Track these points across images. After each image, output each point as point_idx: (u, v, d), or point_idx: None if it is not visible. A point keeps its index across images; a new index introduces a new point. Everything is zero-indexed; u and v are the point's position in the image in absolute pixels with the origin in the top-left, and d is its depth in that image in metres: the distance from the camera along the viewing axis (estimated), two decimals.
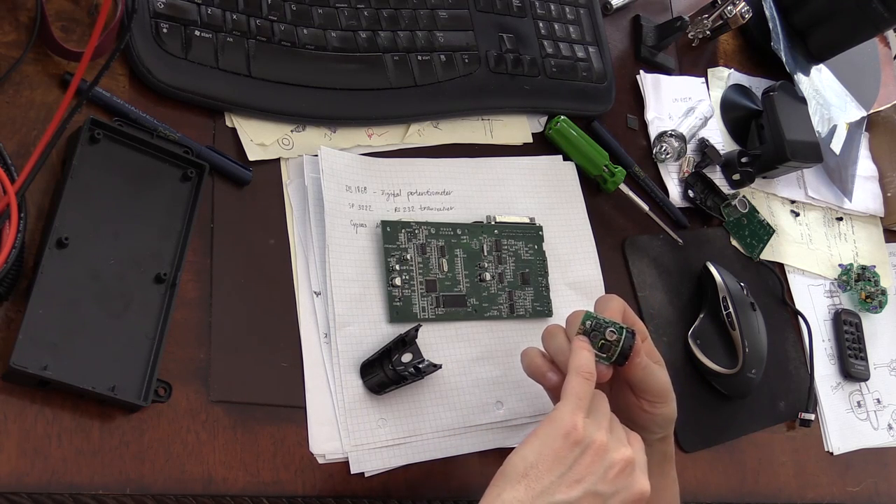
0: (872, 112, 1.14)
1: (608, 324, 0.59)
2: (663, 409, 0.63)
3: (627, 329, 0.59)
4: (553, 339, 0.62)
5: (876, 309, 1.01)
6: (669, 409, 0.64)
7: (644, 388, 0.62)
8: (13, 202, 0.51)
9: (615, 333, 0.59)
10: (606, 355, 0.59)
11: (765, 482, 0.84)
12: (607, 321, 0.59)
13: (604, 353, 0.59)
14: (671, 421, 0.65)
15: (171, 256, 0.58)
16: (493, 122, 0.79)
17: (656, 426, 0.64)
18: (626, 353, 0.59)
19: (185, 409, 0.57)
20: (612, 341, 0.59)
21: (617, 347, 0.59)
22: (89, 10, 0.62)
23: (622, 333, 0.59)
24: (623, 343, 0.59)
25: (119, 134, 0.57)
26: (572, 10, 0.85)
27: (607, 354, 0.59)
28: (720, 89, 0.98)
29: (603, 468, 0.56)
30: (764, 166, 0.94)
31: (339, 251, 0.65)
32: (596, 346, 0.59)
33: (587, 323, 0.59)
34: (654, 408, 0.63)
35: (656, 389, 0.63)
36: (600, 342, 0.59)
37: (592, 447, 0.56)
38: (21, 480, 0.50)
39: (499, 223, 0.73)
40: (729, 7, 0.94)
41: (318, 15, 0.69)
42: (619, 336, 0.59)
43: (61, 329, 0.52)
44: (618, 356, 0.59)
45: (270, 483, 0.58)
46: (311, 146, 0.68)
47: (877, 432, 0.97)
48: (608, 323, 0.59)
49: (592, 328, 0.59)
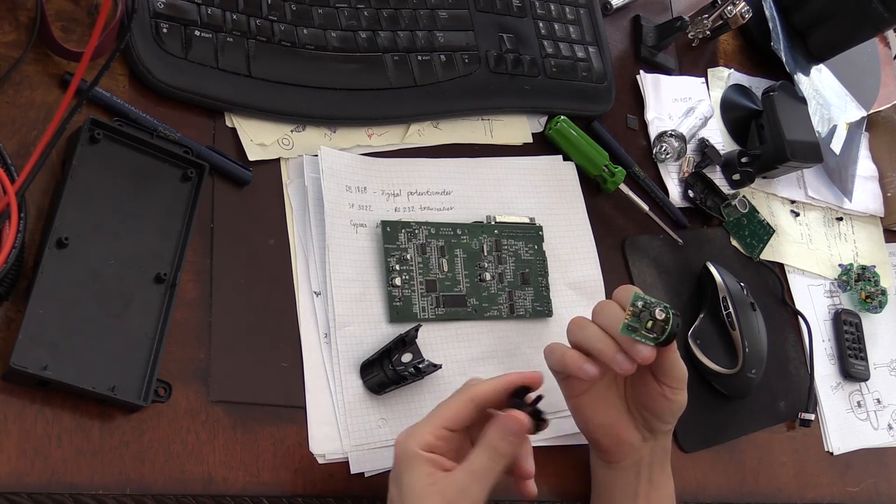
0: (872, 112, 1.14)
1: (656, 303, 0.58)
2: (681, 395, 0.64)
3: (673, 310, 0.58)
4: (583, 329, 0.62)
5: (876, 309, 1.01)
6: (684, 397, 0.64)
7: (671, 373, 0.62)
8: (13, 202, 0.51)
9: (664, 313, 0.58)
10: (655, 335, 0.58)
11: (765, 482, 0.84)
12: (655, 301, 0.58)
13: (652, 332, 0.58)
14: (682, 410, 0.65)
15: (171, 256, 0.58)
16: (493, 122, 0.79)
17: (670, 415, 0.65)
18: (675, 334, 0.58)
19: (185, 409, 0.57)
20: (662, 321, 0.58)
21: (667, 327, 0.58)
22: (89, 10, 0.62)
23: (669, 314, 0.58)
24: (672, 323, 0.58)
25: (119, 134, 0.57)
26: (572, 10, 0.85)
27: (656, 334, 0.58)
28: (720, 89, 0.98)
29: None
30: (764, 166, 0.94)
31: (339, 251, 0.65)
32: (644, 327, 0.58)
33: (638, 303, 0.58)
34: (675, 394, 0.63)
35: (680, 375, 0.63)
36: (648, 322, 0.58)
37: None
38: (21, 480, 0.50)
39: (499, 223, 0.73)
40: (729, 7, 0.94)
41: (318, 15, 0.69)
42: (668, 315, 0.58)
43: (61, 329, 0.52)
44: (667, 336, 0.58)
45: (270, 483, 0.58)
46: (311, 146, 0.68)
47: (877, 432, 0.97)
48: (656, 303, 0.58)
49: (643, 308, 0.58)
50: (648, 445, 0.66)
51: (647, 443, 0.66)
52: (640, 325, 0.58)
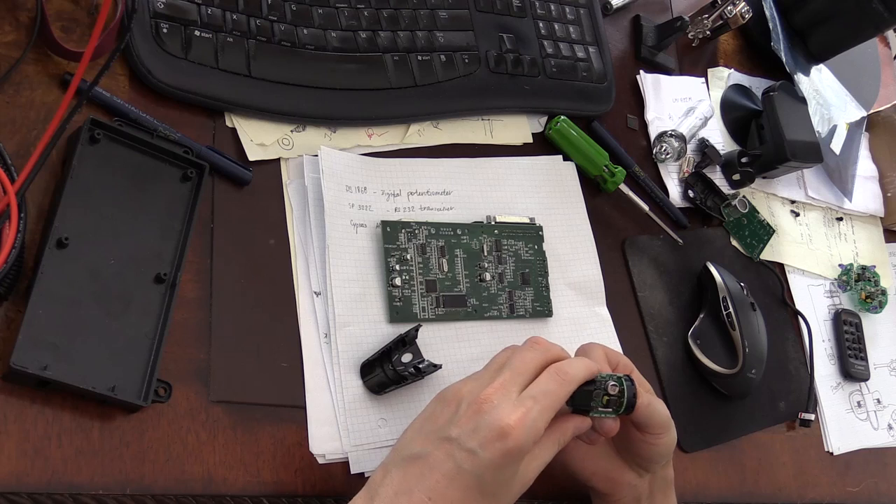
0: (872, 112, 1.14)
1: (606, 378, 0.58)
2: (666, 438, 0.63)
3: (625, 377, 0.58)
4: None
5: (876, 309, 1.01)
6: (671, 438, 0.63)
7: (649, 423, 0.62)
8: (13, 202, 0.51)
9: (617, 386, 0.58)
10: (614, 409, 0.58)
11: (765, 482, 0.84)
12: (604, 375, 0.58)
13: (610, 407, 0.58)
14: (672, 447, 0.65)
15: (171, 256, 0.58)
16: (493, 122, 0.79)
17: (660, 456, 0.64)
18: (633, 402, 0.58)
19: (185, 409, 0.57)
20: (616, 395, 0.58)
21: (623, 399, 0.58)
22: (89, 10, 0.62)
23: (622, 384, 0.58)
24: (627, 392, 0.58)
25: (119, 134, 0.57)
26: (572, 10, 0.85)
27: (615, 408, 0.58)
28: (720, 89, 0.98)
29: (455, 414, 0.53)
30: (764, 166, 0.94)
31: (339, 251, 0.65)
32: (601, 405, 0.58)
33: (588, 387, 0.58)
34: (659, 439, 0.62)
35: (659, 421, 0.62)
36: (605, 398, 0.58)
37: (450, 397, 0.55)
38: (21, 480, 0.50)
39: (499, 223, 0.73)
40: (729, 7, 0.94)
41: (318, 15, 0.69)
42: (621, 387, 0.58)
43: (61, 329, 0.52)
44: (625, 407, 0.58)
45: (270, 483, 0.58)
46: (311, 146, 0.68)
47: (877, 432, 0.97)
48: (606, 377, 0.58)
49: (596, 387, 0.58)
50: (646, 481, 0.65)
51: (643, 479, 0.65)
52: (597, 403, 0.58)
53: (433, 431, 0.54)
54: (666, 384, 0.79)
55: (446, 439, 0.53)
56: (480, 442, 0.52)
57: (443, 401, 0.55)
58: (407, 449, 0.54)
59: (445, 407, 0.54)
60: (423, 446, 0.53)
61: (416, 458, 0.53)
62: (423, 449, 0.53)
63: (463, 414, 0.53)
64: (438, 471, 0.52)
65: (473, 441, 0.52)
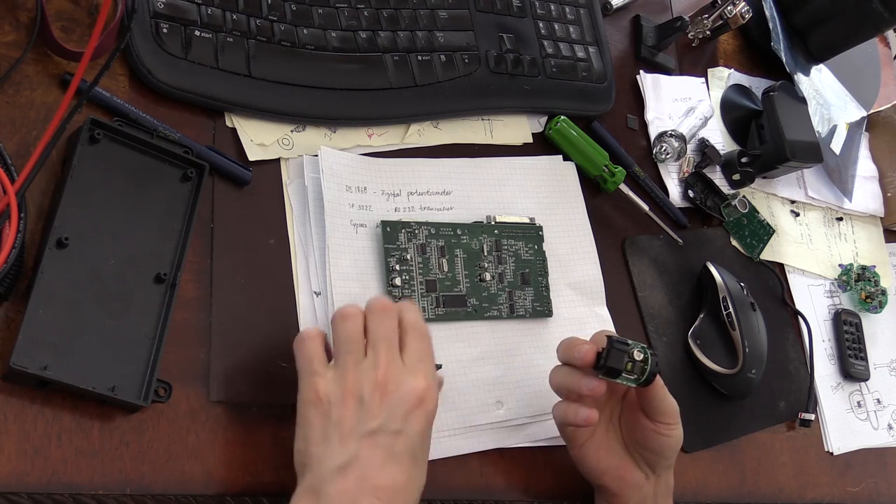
0: (872, 112, 1.14)
1: (633, 344, 0.58)
2: (676, 430, 0.65)
3: (650, 350, 0.59)
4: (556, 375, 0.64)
5: (876, 309, 1.01)
6: (679, 433, 0.65)
7: (661, 410, 0.63)
8: (13, 202, 0.51)
9: (642, 353, 0.58)
10: (636, 376, 0.59)
11: (765, 482, 0.84)
12: (633, 342, 0.59)
13: (633, 374, 0.59)
14: (680, 443, 0.66)
15: (171, 256, 0.58)
16: (493, 122, 0.79)
17: (669, 450, 0.65)
18: (655, 372, 0.59)
19: (185, 409, 0.57)
20: (640, 361, 0.58)
21: (646, 367, 0.59)
22: (89, 10, 0.62)
23: (647, 354, 0.58)
24: (651, 362, 0.59)
25: (119, 134, 0.57)
26: (572, 10, 0.85)
27: (637, 375, 0.59)
28: (720, 89, 0.98)
29: (361, 408, 0.52)
30: (764, 166, 0.94)
31: (339, 251, 0.65)
32: (624, 368, 0.58)
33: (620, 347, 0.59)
34: (670, 430, 0.64)
35: (670, 410, 0.64)
36: (627, 363, 0.58)
37: (341, 396, 0.53)
38: (21, 480, 0.50)
39: (499, 223, 0.73)
40: (729, 7, 0.94)
41: (318, 15, 0.69)
42: (646, 356, 0.58)
43: (61, 329, 0.52)
44: (647, 376, 0.59)
45: (270, 483, 0.58)
46: (311, 146, 0.68)
47: (877, 432, 0.97)
48: (634, 344, 0.59)
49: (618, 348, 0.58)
50: (651, 483, 0.67)
51: (649, 481, 0.66)
52: (622, 367, 0.59)
53: (347, 434, 0.52)
54: (666, 384, 0.79)
55: (368, 434, 0.52)
56: (403, 418, 0.52)
57: (328, 404, 0.53)
58: (329, 462, 0.51)
59: (343, 407, 0.52)
60: (346, 452, 0.51)
61: (344, 466, 0.51)
62: (347, 455, 0.51)
63: (370, 403, 0.52)
64: (374, 466, 0.51)
65: (396, 421, 0.52)
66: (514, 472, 0.68)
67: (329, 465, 0.51)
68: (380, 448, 0.52)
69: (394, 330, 0.56)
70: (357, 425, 0.52)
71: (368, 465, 0.51)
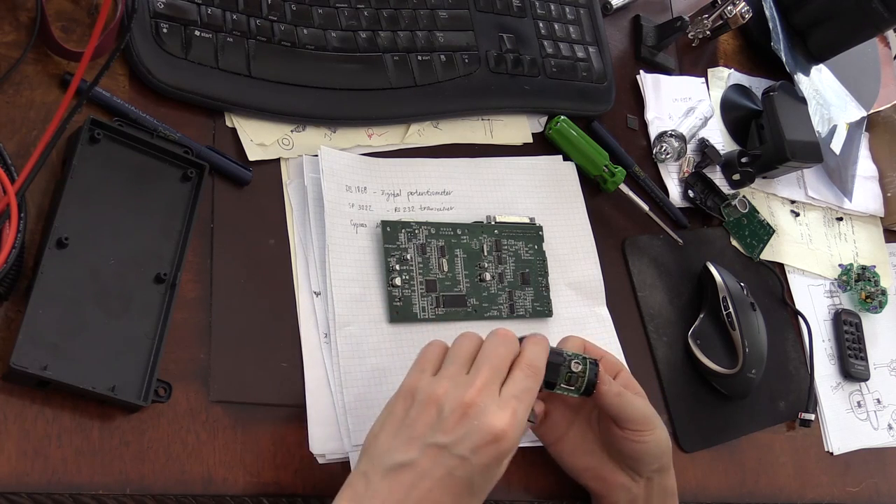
0: (872, 112, 1.14)
1: (571, 356, 0.60)
2: (649, 437, 0.63)
3: (590, 360, 0.60)
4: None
5: (876, 309, 1.01)
6: (657, 437, 0.63)
7: (624, 416, 0.62)
8: (13, 202, 0.51)
9: (580, 365, 0.59)
10: (575, 387, 0.60)
11: (765, 482, 0.84)
12: (570, 354, 0.60)
13: (572, 385, 0.60)
14: (664, 450, 0.64)
15: (171, 256, 0.58)
16: (493, 122, 0.79)
17: (648, 456, 0.64)
18: (594, 382, 0.60)
19: (185, 409, 0.57)
20: (578, 373, 0.59)
21: (583, 378, 0.59)
22: (89, 10, 0.62)
23: (586, 364, 0.60)
24: (588, 373, 0.59)
25: (119, 134, 0.57)
26: (572, 10, 0.85)
27: (576, 386, 0.60)
28: (720, 89, 0.98)
29: (438, 419, 0.52)
30: (764, 166, 0.94)
31: (339, 251, 0.65)
32: (563, 381, 0.59)
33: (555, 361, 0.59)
34: (641, 436, 0.62)
35: (636, 417, 0.62)
36: (567, 375, 0.59)
37: (426, 400, 0.53)
38: (21, 480, 0.50)
39: (499, 223, 0.73)
40: (729, 7, 0.94)
41: (318, 15, 0.69)
42: (584, 367, 0.59)
43: (61, 329, 0.52)
44: (586, 386, 0.60)
45: (270, 483, 0.58)
46: (311, 146, 0.68)
47: (877, 432, 0.97)
48: (571, 356, 0.60)
49: (561, 364, 0.59)
50: (641, 486, 0.65)
51: (638, 483, 0.65)
52: (561, 379, 0.59)
53: (416, 438, 0.52)
54: (666, 384, 0.79)
55: (434, 446, 0.52)
56: (472, 448, 0.51)
57: (413, 401, 0.53)
58: (389, 457, 0.52)
59: (423, 411, 0.53)
60: (408, 454, 0.52)
61: (401, 466, 0.51)
62: (407, 457, 0.52)
63: (449, 419, 0.52)
64: (429, 479, 0.51)
65: (465, 447, 0.51)
66: (514, 472, 0.68)
67: (388, 459, 0.52)
68: (441, 465, 0.51)
69: (505, 358, 0.56)
70: (427, 433, 0.52)
71: (423, 475, 0.51)
